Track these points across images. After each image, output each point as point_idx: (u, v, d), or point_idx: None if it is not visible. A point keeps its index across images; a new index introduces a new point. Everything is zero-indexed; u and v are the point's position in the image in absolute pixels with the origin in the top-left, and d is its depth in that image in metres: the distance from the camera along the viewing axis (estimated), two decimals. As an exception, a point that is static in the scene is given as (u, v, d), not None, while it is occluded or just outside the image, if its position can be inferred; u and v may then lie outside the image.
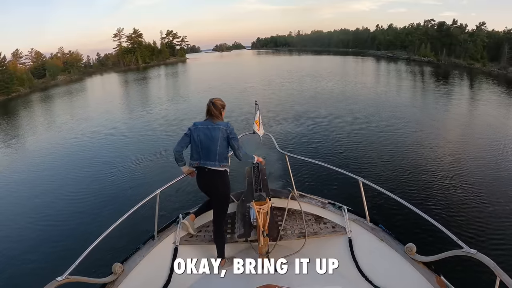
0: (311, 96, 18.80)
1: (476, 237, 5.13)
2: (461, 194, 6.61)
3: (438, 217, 5.53)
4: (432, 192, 6.68)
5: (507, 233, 5.25)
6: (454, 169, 7.82)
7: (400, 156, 8.80)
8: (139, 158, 9.78)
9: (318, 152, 9.27)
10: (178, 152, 2.59)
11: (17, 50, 53.67)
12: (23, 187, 8.77)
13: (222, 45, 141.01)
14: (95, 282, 2.11)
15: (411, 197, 6.36)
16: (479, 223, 5.56)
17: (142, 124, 15.14)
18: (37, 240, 5.96)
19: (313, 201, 3.08)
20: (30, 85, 44.44)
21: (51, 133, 15.49)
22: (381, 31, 69.88)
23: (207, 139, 2.51)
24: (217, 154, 2.49)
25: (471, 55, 43.93)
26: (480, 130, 11.78)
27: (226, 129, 2.52)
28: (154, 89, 31.62)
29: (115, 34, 71.10)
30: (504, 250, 4.80)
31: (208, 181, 2.56)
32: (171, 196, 6.58)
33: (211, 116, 2.57)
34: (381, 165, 8.12)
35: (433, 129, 11.69)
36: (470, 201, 6.31)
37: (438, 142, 10.07)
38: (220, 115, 2.60)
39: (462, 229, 5.32)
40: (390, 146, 9.66)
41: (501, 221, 5.60)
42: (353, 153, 9.06)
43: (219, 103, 2.62)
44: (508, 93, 22.16)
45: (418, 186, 6.93)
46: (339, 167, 3.07)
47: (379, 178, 7.34)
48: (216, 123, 2.55)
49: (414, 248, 2.24)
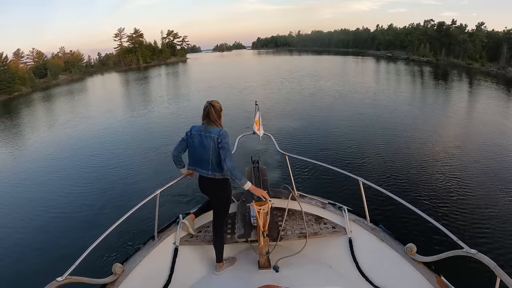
0: (311, 96, 18.80)
1: (476, 237, 5.13)
2: (461, 194, 6.61)
3: (439, 217, 5.52)
4: (433, 192, 6.68)
5: (507, 233, 5.25)
6: (454, 170, 7.81)
7: (401, 156, 8.79)
8: (139, 159, 9.79)
9: (318, 152, 9.27)
10: (175, 156, 2.54)
11: (18, 49, 54.34)
12: (23, 187, 8.77)
13: (223, 45, 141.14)
14: (95, 282, 2.11)
15: (411, 197, 6.36)
16: (480, 223, 5.56)
17: (143, 124, 15.14)
18: (37, 240, 5.96)
19: (313, 201, 3.08)
20: (32, 85, 44.93)
21: (51, 133, 15.51)
22: (381, 31, 70.25)
23: (201, 146, 2.40)
24: (210, 163, 2.38)
25: (469, 55, 44.21)
26: (480, 131, 11.78)
27: (217, 137, 2.33)
28: (155, 88, 31.70)
29: (116, 34, 71.74)
30: (505, 250, 4.80)
31: (206, 187, 2.55)
32: (171, 196, 6.58)
33: (208, 120, 2.39)
34: (381, 165, 8.12)
35: (433, 129, 11.68)
36: (470, 201, 6.30)
37: (438, 142, 10.07)
38: (218, 119, 2.42)
39: (462, 229, 5.32)
40: (390, 146, 9.66)
41: (502, 221, 5.60)
42: (353, 153, 9.06)
43: (218, 106, 2.44)
44: (506, 91, 22.29)
45: (418, 187, 6.93)
46: (339, 167, 3.07)
47: (379, 178, 7.34)
48: (209, 130, 2.37)
49: (414, 248, 2.24)
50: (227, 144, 2.33)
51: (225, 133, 2.36)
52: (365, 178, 2.64)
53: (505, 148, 9.40)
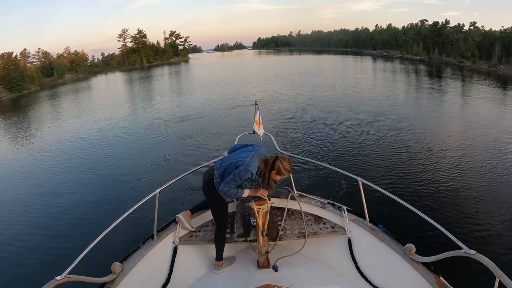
0: (310, 96, 18.79)
1: (475, 238, 5.13)
2: (461, 194, 6.60)
3: (438, 217, 5.52)
4: (432, 192, 6.67)
5: (506, 233, 5.25)
6: (453, 170, 7.81)
7: (400, 156, 8.79)
8: (140, 158, 9.76)
9: (318, 152, 9.26)
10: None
11: (25, 49, 55.82)
12: (22, 185, 8.76)
13: (224, 45, 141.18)
14: (94, 281, 2.11)
15: (411, 198, 6.35)
16: (479, 223, 5.56)
17: (145, 122, 15.06)
18: (36, 239, 5.94)
19: (313, 201, 3.08)
20: (40, 83, 46.71)
21: (51, 132, 15.47)
22: (379, 31, 71.09)
23: (235, 154, 2.46)
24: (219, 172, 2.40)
25: (461, 53, 45.49)
26: (479, 131, 11.76)
27: (241, 163, 2.29)
28: (160, 87, 31.90)
29: (120, 35, 73.37)
30: (504, 251, 4.80)
31: (206, 187, 2.55)
32: (171, 195, 6.57)
33: (263, 164, 2.31)
34: (381, 165, 8.11)
35: (431, 129, 11.67)
36: (470, 202, 6.30)
37: (437, 142, 10.06)
38: (266, 175, 2.33)
39: (461, 230, 5.32)
40: (390, 146, 9.65)
41: (501, 222, 5.59)
42: (353, 153, 9.05)
43: (279, 166, 2.28)
44: (495, 87, 22.87)
45: (418, 187, 6.92)
46: (339, 167, 3.07)
47: (379, 178, 7.33)
48: (248, 155, 2.31)
49: (413, 249, 2.24)
50: (238, 174, 2.26)
51: (247, 169, 2.25)
52: (365, 178, 2.64)
53: (505, 149, 9.39)
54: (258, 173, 2.34)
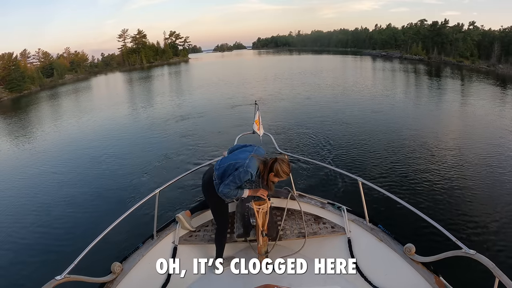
0: (310, 96, 18.79)
1: (475, 238, 5.13)
2: (460, 194, 6.60)
3: (438, 217, 5.52)
4: (431, 192, 6.67)
5: (506, 233, 5.25)
6: (453, 170, 7.81)
7: (400, 156, 8.79)
8: (139, 157, 9.76)
9: (317, 152, 9.26)
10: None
11: (25, 50, 55.83)
12: (22, 184, 8.76)
13: (223, 45, 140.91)
14: (94, 281, 2.11)
15: (411, 198, 6.35)
16: (478, 223, 5.56)
17: (145, 122, 15.06)
18: (36, 239, 5.94)
19: (313, 201, 3.08)
20: (40, 83, 46.87)
21: (51, 132, 15.46)
22: (378, 30, 71.17)
23: (233, 154, 2.45)
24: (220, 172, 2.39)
25: (460, 53, 45.66)
26: (479, 130, 11.76)
27: (241, 164, 2.27)
28: (159, 87, 31.93)
29: (120, 35, 73.16)
30: (503, 251, 4.80)
31: (206, 188, 2.55)
32: (171, 195, 6.57)
33: (262, 166, 2.29)
34: (381, 165, 8.11)
35: (431, 128, 11.67)
36: (470, 202, 6.30)
37: (437, 141, 10.06)
38: (265, 176, 2.32)
39: (461, 230, 5.32)
40: (390, 146, 9.65)
41: (501, 222, 5.59)
42: (352, 153, 9.05)
43: (277, 169, 2.26)
44: (492, 87, 23.00)
45: (418, 187, 6.92)
46: (339, 167, 3.08)
47: (379, 178, 7.33)
48: (248, 156, 2.30)
49: (413, 249, 2.24)
50: (238, 176, 2.24)
51: (247, 171, 2.23)
52: (364, 178, 2.64)
53: (505, 149, 9.39)
54: (258, 174, 2.33)
